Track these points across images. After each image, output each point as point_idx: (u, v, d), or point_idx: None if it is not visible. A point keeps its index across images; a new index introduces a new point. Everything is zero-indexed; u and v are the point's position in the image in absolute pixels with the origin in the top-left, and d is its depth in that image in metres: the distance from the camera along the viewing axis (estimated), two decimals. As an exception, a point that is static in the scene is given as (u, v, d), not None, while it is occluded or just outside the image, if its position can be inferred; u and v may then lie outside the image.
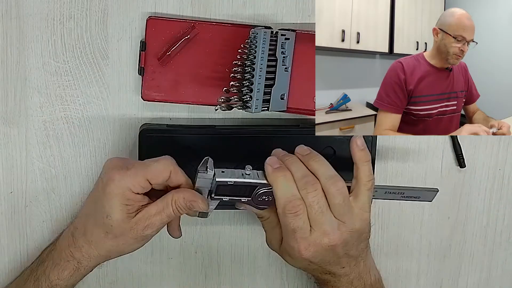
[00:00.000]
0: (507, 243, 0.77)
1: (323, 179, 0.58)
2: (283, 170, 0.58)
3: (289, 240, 0.59)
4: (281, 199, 0.58)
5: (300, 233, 0.58)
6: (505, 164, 0.74)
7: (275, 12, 0.67)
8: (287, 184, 0.58)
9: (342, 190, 0.58)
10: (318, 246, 0.58)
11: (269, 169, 0.59)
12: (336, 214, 0.58)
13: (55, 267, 0.62)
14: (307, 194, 0.57)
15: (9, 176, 0.70)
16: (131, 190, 0.58)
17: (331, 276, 0.62)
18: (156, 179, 0.59)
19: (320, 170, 0.58)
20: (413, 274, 0.77)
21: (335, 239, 0.58)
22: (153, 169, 0.58)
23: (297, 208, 0.57)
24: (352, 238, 0.59)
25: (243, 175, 0.59)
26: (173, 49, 0.65)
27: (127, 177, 0.58)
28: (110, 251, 0.61)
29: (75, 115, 0.69)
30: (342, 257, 0.60)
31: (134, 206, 0.59)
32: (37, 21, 0.66)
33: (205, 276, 0.75)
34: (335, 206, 0.58)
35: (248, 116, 0.68)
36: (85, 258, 0.61)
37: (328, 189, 0.58)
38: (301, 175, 0.58)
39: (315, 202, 0.57)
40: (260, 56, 0.63)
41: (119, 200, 0.58)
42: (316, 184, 0.58)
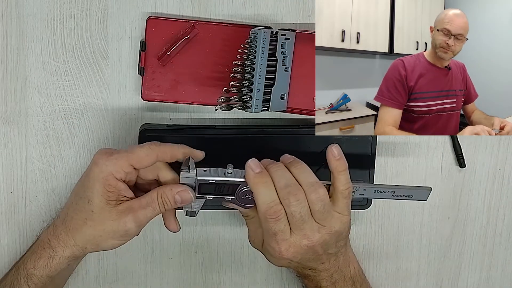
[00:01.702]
0: (507, 243, 0.77)
1: (304, 186, 0.59)
2: (264, 176, 0.59)
3: (270, 241, 0.60)
4: (262, 205, 0.59)
5: (281, 236, 0.59)
6: (505, 164, 0.75)
7: (275, 12, 0.67)
8: (268, 190, 0.59)
9: (322, 197, 0.59)
10: (298, 247, 0.60)
11: (250, 174, 0.59)
12: (316, 219, 0.60)
13: (32, 255, 0.62)
14: (289, 205, 0.58)
15: (9, 176, 0.70)
16: (114, 175, 0.58)
17: (312, 271, 0.64)
18: (140, 163, 0.59)
19: (302, 177, 0.59)
20: (413, 274, 0.77)
21: (314, 241, 0.60)
22: (137, 154, 0.59)
23: (278, 213, 0.58)
24: (331, 238, 0.61)
25: (225, 174, 0.60)
26: (173, 49, 0.65)
27: (110, 161, 0.58)
28: (87, 241, 0.60)
29: (75, 115, 0.69)
30: (321, 254, 0.61)
31: (115, 193, 0.59)
32: (37, 21, 0.66)
33: (205, 276, 0.75)
34: (316, 212, 0.59)
35: (248, 116, 0.68)
36: (61, 246, 0.61)
37: (309, 196, 0.59)
38: (283, 184, 0.59)
39: (297, 212, 0.58)
40: (260, 56, 0.63)
41: (101, 184, 0.58)
42: (298, 194, 0.58)
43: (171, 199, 0.60)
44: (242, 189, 0.60)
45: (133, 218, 0.59)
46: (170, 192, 0.59)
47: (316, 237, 0.60)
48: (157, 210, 0.60)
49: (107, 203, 0.59)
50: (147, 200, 0.60)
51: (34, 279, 0.61)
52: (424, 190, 0.63)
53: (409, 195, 0.63)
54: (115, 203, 0.59)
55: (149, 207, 0.59)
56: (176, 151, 0.61)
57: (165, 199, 0.59)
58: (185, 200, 0.60)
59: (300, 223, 0.59)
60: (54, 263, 0.61)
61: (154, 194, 0.60)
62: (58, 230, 0.61)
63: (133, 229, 0.60)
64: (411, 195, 0.63)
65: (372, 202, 0.72)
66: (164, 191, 0.60)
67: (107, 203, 0.59)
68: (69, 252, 0.61)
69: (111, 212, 0.59)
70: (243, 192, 0.60)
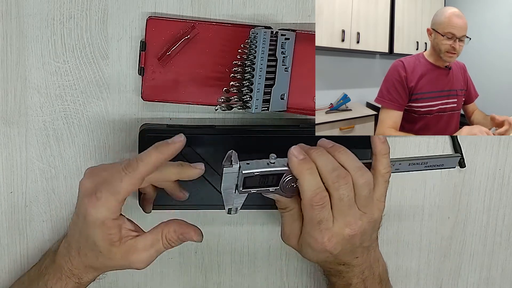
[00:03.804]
0: (507, 243, 0.77)
1: (351, 170, 0.58)
2: (308, 162, 0.58)
3: (313, 231, 0.59)
4: (308, 191, 0.57)
5: (325, 224, 0.58)
6: (505, 164, 0.75)
7: (275, 12, 0.67)
8: (313, 177, 0.58)
9: (369, 181, 0.58)
10: (340, 237, 0.59)
11: (294, 161, 0.58)
12: (359, 206, 0.59)
13: (57, 281, 0.62)
14: (338, 187, 0.57)
15: (9, 176, 0.70)
16: (110, 218, 0.57)
17: (345, 267, 0.62)
18: (129, 194, 0.57)
19: (348, 161, 0.58)
20: (413, 273, 0.77)
21: (355, 229, 0.59)
22: (123, 190, 0.57)
23: (324, 199, 0.57)
24: (369, 227, 0.60)
25: (268, 164, 0.58)
26: (173, 49, 0.65)
27: (101, 207, 0.56)
28: (107, 267, 0.61)
29: (75, 115, 0.69)
30: (358, 247, 0.61)
31: (116, 234, 0.58)
32: (37, 21, 0.66)
33: (205, 276, 0.75)
34: (361, 198, 0.58)
35: (248, 116, 0.68)
36: (84, 274, 0.61)
37: (357, 180, 0.58)
38: (331, 168, 0.58)
39: (346, 195, 0.57)
40: (260, 56, 0.63)
41: (101, 230, 0.57)
42: (347, 177, 0.58)
43: (176, 240, 0.60)
44: (286, 178, 0.58)
45: (138, 259, 0.59)
46: (174, 233, 0.59)
47: (358, 224, 0.59)
48: (162, 250, 0.60)
49: (111, 244, 0.58)
50: (152, 241, 0.59)
51: None
52: (454, 157, 0.63)
53: (440, 164, 0.63)
54: (119, 243, 0.58)
55: (153, 249, 0.59)
56: (157, 160, 0.58)
57: (170, 239, 0.59)
58: (189, 239, 0.60)
59: (347, 208, 0.58)
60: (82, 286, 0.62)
61: (158, 234, 0.59)
62: (76, 262, 0.61)
63: (141, 267, 0.59)
64: (442, 164, 0.63)
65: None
66: (169, 231, 0.59)
67: (111, 244, 0.58)
68: (92, 276, 0.62)
69: (117, 253, 0.58)
70: (287, 181, 0.59)
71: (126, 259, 0.59)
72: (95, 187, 0.57)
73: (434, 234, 0.76)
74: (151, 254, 0.59)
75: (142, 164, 0.57)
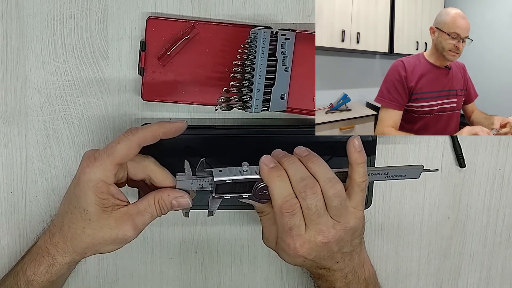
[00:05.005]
0: (507, 243, 0.77)
1: (321, 181, 0.58)
2: (279, 170, 0.59)
3: (285, 237, 0.59)
4: (277, 199, 0.58)
5: (296, 231, 0.59)
6: (505, 164, 0.75)
7: (275, 12, 0.67)
8: (283, 184, 0.58)
9: (340, 193, 0.58)
10: (312, 244, 0.59)
11: (264, 169, 0.59)
12: (332, 215, 0.59)
13: (32, 262, 0.62)
14: (305, 197, 0.58)
15: (9, 176, 0.70)
16: (104, 182, 0.58)
17: (326, 271, 0.63)
18: (124, 158, 0.59)
19: (319, 172, 0.59)
20: (413, 274, 0.77)
21: (329, 237, 0.59)
22: (118, 151, 0.58)
23: (293, 207, 0.58)
24: (346, 235, 0.60)
25: (241, 172, 0.60)
26: (173, 49, 0.65)
27: (96, 168, 0.58)
28: (86, 248, 0.60)
29: (75, 115, 0.69)
30: (336, 252, 0.61)
31: (109, 200, 0.58)
32: (37, 21, 0.66)
33: (205, 276, 0.75)
34: (332, 208, 0.59)
35: (248, 116, 0.68)
36: (60, 253, 0.61)
37: (326, 192, 0.58)
38: (300, 178, 0.58)
39: (313, 205, 0.58)
40: (260, 56, 0.63)
41: (93, 193, 0.58)
42: (315, 187, 0.58)
43: (168, 204, 0.59)
44: (258, 185, 0.60)
45: (132, 225, 0.59)
46: (167, 197, 0.59)
47: (331, 233, 0.59)
48: (154, 216, 0.60)
49: (103, 211, 0.58)
50: (144, 206, 0.59)
51: (35, 284, 0.61)
52: (416, 168, 0.63)
53: (402, 174, 0.63)
54: (111, 209, 0.59)
55: (147, 213, 0.59)
56: (156, 132, 0.59)
57: (162, 204, 0.59)
58: (182, 206, 0.60)
59: (316, 217, 0.58)
60: (55, 269, 0.61)
61: (151, 199, 0.59)
62: (56, 239, 0.61)
63: (132, 236, 0.59)
64: (404, 175, 0.63)
65: (372, 202, 0.72)
66: (162, 196, 0.59)
67: (103, 210, 0.58)
68: (69, 258, 0.61)
69: (109, 219, 0.58)
70: (260, 188, 0.60)
71: (119, 226, 0.58)
72: (96, 152, 0.59)
73: (434, 234, 0.76)
74: (144, 220, 0.59)
75: (141, 131, 0.59)
